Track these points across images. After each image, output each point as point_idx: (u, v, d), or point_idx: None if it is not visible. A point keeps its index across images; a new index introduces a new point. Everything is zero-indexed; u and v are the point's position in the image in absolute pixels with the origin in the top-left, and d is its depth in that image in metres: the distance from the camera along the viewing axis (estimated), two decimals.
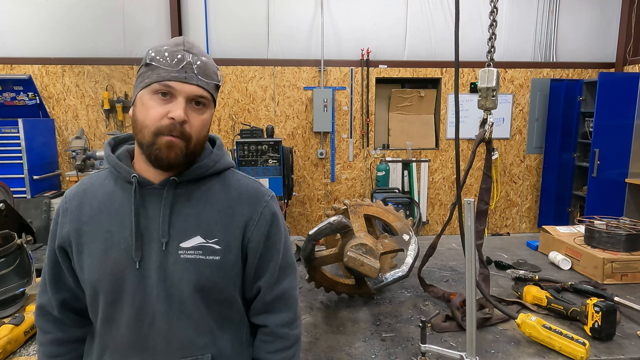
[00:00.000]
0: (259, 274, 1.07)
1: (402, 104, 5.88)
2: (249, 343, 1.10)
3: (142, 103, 0.96)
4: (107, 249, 0.98)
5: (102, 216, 1.00)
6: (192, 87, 0.95)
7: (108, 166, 1.04)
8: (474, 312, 1.24)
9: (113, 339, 0.99)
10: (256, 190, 1.09)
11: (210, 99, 1.00)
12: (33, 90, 5.11)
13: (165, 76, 0.94)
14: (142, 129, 0.95)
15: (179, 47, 0.97)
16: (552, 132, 5.73)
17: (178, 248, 0.98)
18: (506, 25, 5.72)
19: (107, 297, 0.98)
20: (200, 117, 0.98)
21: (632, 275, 1.93)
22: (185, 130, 0.95)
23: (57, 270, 1.06)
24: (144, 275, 0.97)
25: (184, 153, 0.96)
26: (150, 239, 0.98)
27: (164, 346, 0.98)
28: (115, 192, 1.02)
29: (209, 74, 0.99)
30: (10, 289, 1.62)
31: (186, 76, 0.95)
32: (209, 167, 1.04)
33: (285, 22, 5.55)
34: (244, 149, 4.66)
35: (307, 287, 1.92)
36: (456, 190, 1.67)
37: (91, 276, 0.98)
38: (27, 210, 4.19)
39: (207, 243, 0.99)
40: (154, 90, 0.95)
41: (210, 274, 0.99)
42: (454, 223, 5.11)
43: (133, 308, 0.97)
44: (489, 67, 1.55)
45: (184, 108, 0.94)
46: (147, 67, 0.97)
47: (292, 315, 1.11)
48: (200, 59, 0.98)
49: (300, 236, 2.54)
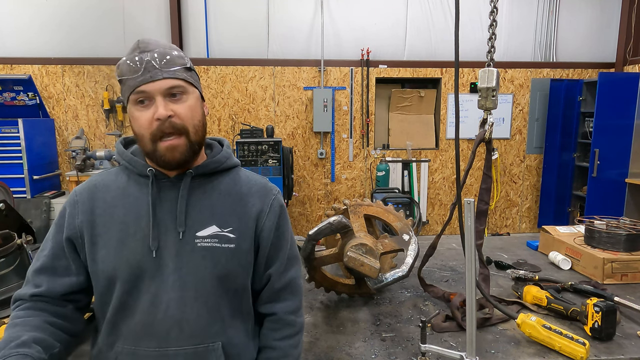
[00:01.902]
0: (270, 262, 1.13)
1: (402, 104, 5.88)
2: (254, 334, 1.15)
3: (132, 117, 1.01)
4: (123, 238, 1.00)
5: (117, 209, 1.03)
6: (160, 82, 0.97)
7: (122, 162, 1.08)
8: (474, 312, 1.24)
9: (127, 326, 1.01)
10: (264, 185, 1.16)
11: (185, 84, 1.01)
12: (33, 90, 5.11)
13: (134, 84, 0.97)
14: (141, 139, 1.00)
15: (135, 52, 0.99)
16: (552, 132, 5.72)
17: (195, 237, 1.02)
18: (506, 25, 5.72)
19: (125, 285, 1.00)
20: (185, 105, 1.00)
21: (632, 275, 1.93)
22: (176, 123, 0.98)
23: (58, 262, 1.04)
24: (160, 264, 1.00)
25: (188, 146, 1.00)
26: (166, 229, 1.01)
27: (177, 333, 1.00)
28: (129, 187, 1.05)
29: (173, 62, 1.00)
30: (10, 289, 1.61)
31: (151, 75, 0.97)
32: (221, 163, 1.10)
33: (285, 22, 5.55)
34: (244, 149, 4.66)
35: (307, 287, 1.92)
36: (456, 190, 1.67)
37: (106, 266, 1.00)
38: (27, 210, 4.19)
39: (222, 232, 1.04)
40: (133, 101, 0.99)
41: (226, 261, 1.03)
42: (454, 223, 5.11)
43: (149, 295, 0.99)
44: (489, 67, 1.54)
45: (163, 105, 0.97)
46: (120, 83, 1.01)
47: (298, 303, 1.17)
48: (156, 53, 0.98)
49: (300, 236, 2.54)
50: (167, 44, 1.02)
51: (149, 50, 0.98)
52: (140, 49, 0.99)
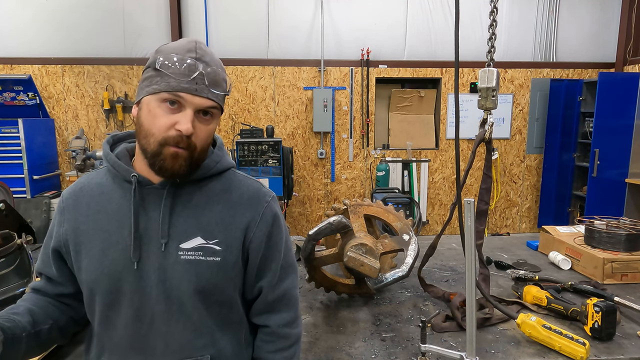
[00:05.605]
0: (261, 274, 1.07)
1: (402, 104, 5.88)
2: (248, 343, 1.10)
3: (148, 109, 0.94)
4: (105, 249, 0.97)
5: (100, 215, 0.99)
6: (202, 99, 0.93)
7: (106, 164, 1.03)
8: (474, 312, 1.24)
9: (110, 340, 0.99)
10: (257, 191, 1.08)
11: (218, 108, 0.98)
12: (33, 90, 5.11)
13: (176, 86, 0.91)
14: (147, 136, 0.94)
15: (190, 53, 0.93)
16: (552, 132, 5.73)
17: (178, 249, 0.96)
18: (506, 25, 5.72)
19: (104, 298, 0.97)
20: (207, 128, 0.97)
21: (632, 275, 1.93)
22: (192, 141, 0.94)
23: (50, 270, 1.05)
24: (142, 276, 0.95)
25: (188, 163, 0.95)
26: (149, 239, 0.97)
27: (163, 347, 0.97)
28: (114, 191, 1.00)
29: (219, 84, 0.96)
30: (10, 289, 1.61)
31: (197, 88, 0.92)
32: (210, 168, 1.03)
33: (285, 22, 5.54)
34: (244, 149, 4.66)
35: (307, 287, 1.92)
36: (456, 190, 1.67)
37: (88, 276, 0.97)
38: (27, 210, 4.19)
39: (207, 244, 0.98)
40: (162, 98, 0.92)
41: (210, 275, 0.98)
42: (454, 223, 5.11)
43: (132, 309, 0.96)
44: (489, 67, 1.55)
45: (192, 120, 0.93)
46: (155, 71, 0.93)
47: (293, 315, 1.11)
48: (211, 68, 0.95)
49: (300, 236, 2.54)
50: (219, 61, 0.99)
51: (205, 61, 0.94)
52: (197, 55, 0.94)
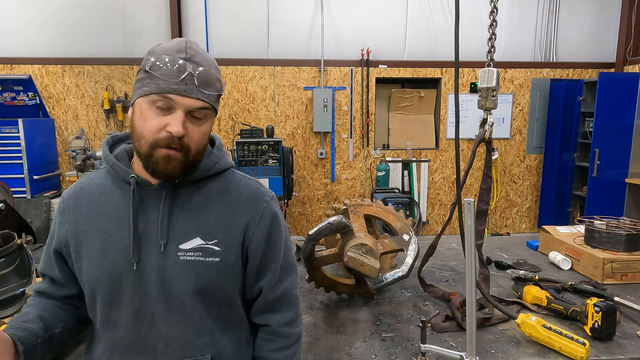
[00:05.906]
0: (261, 274, 1.07)
1: (402, 104, 5.88)
2: (248, 343, 1.10)
3: (140, 112, 0.93)
4: (105, 249, 0.97)
5: (100, 216, 0.99)
6: (192, 100, 0.92)
7: (106, 165, 1.03)
8: (474, 312, 1.24)
9: (112, 340, 0.99)
10: (256, 191, 1.08)
11: (211, 109, 0.97)
12: (33, 90, 5.11)
13: (165, 88, 0.90)
14: (139, 139, 0.93)
15: (180, 54, 0.92)
16: (552, 132, 5.73)
17: (177, 250, 0.97)
18: (506, 25, 5.72)
19: (105, 298, 0.97)
20: (200, 129, 0.96)
21: (632, 275, 1.93)
22: (184, 142, 0.93)
23: (53, 271, 1.06)
24: (142, 277, 0.96)
25: (183, 165, 0.94)
26: (148, 240, 0.97)
27: (163, 347, 0.97)
28: (113, 192, 1.01)
29: (211, 84, 0.95)
30: (10, 289, 1.61)
31: (186, 89, 0.91)
32: (209, 169, 1.03)
33: (285, 22, 5.54)
34: (244, 149, 4.66)
35: (307, 287, 1.92)
36: (456, 190, 1.67)
37: (89, 277, 0.98)
38: (27, 210, 4.18)
39: (206, 244, 0.98)
40: (152, 100, 0.91)
41: (210, 275, 0.98)
42: (454, 223, 5.10)
43: (132, 309, 0.97)
44: (489, 67, 1.55)
45: (182, 122, 0.91)
46: (145, 73, 0.92)
47: (294, 314, 1.12)
48: (202, 68, 0.93)
49: (300, 236, 2.54)
50: (212, 61, 0.97)
51: (195, 61, 0.92)
52: (187, 55, 0.92)
